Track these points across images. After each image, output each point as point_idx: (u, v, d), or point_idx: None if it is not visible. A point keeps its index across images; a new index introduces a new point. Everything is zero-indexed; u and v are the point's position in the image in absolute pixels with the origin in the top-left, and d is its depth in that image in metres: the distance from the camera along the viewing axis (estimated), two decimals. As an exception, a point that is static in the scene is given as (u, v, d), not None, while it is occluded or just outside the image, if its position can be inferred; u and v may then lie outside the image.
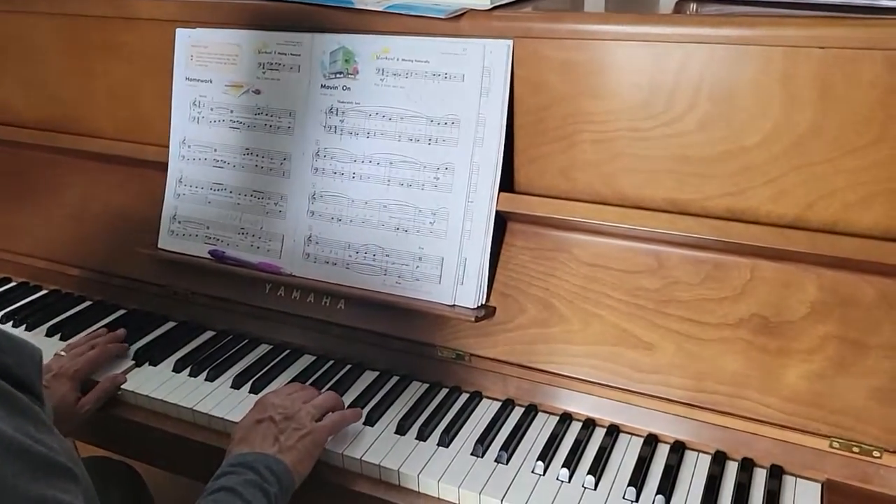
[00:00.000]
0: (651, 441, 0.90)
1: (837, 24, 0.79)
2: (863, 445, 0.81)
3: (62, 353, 1.04)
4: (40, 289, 1.28)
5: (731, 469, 0.86)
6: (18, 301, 1.24)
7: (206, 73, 1.13)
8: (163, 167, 1.17)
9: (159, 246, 1.17)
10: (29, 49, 1.26)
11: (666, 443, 0.90)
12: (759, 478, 0.85)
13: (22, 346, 0.54)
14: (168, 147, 1.17)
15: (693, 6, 0.94)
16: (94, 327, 1.15)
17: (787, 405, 0.84)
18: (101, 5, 1.18)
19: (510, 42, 0.93)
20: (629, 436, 0.92)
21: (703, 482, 0.84)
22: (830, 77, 0.80)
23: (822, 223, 0.85)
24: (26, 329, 1.16)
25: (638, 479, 0.84)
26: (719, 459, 0.87)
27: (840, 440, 0.82)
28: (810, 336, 0.85)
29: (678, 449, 0.89)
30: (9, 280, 1.31)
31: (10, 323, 1.18)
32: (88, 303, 1.23)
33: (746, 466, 0.86)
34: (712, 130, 0.87)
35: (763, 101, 0.84)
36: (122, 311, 1.20)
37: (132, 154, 1.20)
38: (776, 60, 0.81)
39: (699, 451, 0.89)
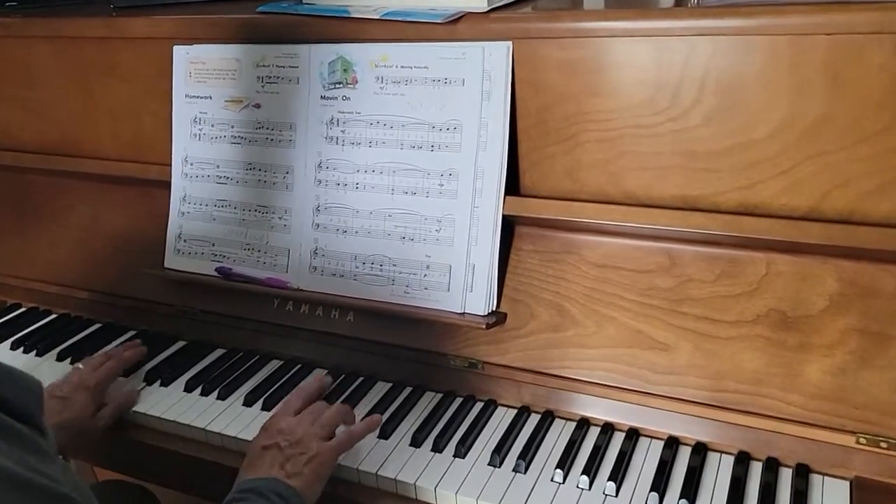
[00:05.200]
0: (672, 443, 0.88)
1: (843, 10, 0.77)
2: (890, 440, 0.79)
3: (80, 365, 1.04)
4: (50, 313, 1.28)
5: (756, 469, 0.84)
6: (28, 327, 1.24)
7: (205, 90, 1.12)
8: (166, 186, 1.17)
9: (166, 265, 1.16)
10: (28, 73, 1.26)
11: (687, 445, 0.88)
12: (786, 477, 0.83)
13: (21, 378, 0.53)
14: (171, 165, 1.16)
15: (694, -2, 0.93)
16: (105, 350, 1.14)
17: (811, 402, 0.82)
18: (97, 26, 1.17)
19: (509, 44, 0.92)
20: (649, 439, 0.90)
21: (728, 484, 0.82)
22: (839, 64, 0.78)
23: (837, 213, 0.83)
24: (37, 355, 1.16)
25: (660, 484, 0.82)
26: (743, 460, 0.85)
27: (867, 436, 0.80)
28: (831, 330, 0.83)
29: (700, 451, 0.87)
30: (18, 306, 1.31)
31: (21, 349, 1.17)
32: (98, 325, 1.23)
33: (771, 466, 0.84)
34: (720, 124, 0.85)
35: (771, 92, 0.82)
36: (131, 333, 1.19)
37: (135, 174, 1.20)
38: (782, 50, 0.80)
39: (722, 452, 0.87)
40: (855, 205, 0.82)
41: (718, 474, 0.84)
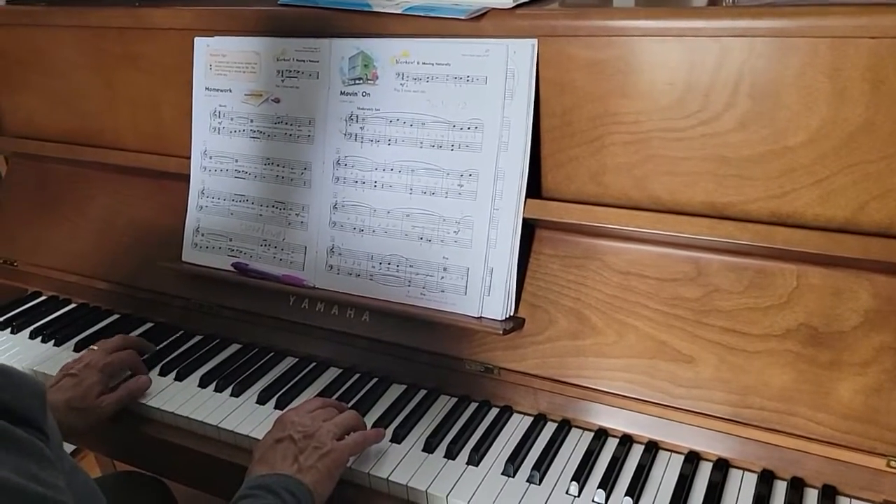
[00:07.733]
0: (692, 458, 0.85)
1: (889, 12, 0.73)
2: (924, 465, 0.76)
3: (94, 347, 1.04)
4: (69, 302, 1.28)
5: (780, 489, 0.81)
6: (48, 315, 1.24)
7: (225, 83, 1.11)
8: (185, 179, 1.16)
9: (183, 259, 1.16)
10: (50, 63, 1.26)
11: (708, 460, 0.85)
12: (811, 498, 0.80)
13: (22, 380, 0.52)
14: (190, 158, 1.15)
15: (729, -4, 0.89)
16: (123, 336, 1.14)
17: (840, 422, 0.79)
18: (119, 16, 1.16)
19: (534, 42, 0.89)
20: (669, 453, 0.87)
21: (751, 502, 0.79)
22: (883, 69, 0.74)
23: (875, 226, 0.79)
24: (55, 344, 1.16)
25: (680, 500, 0.80)
26: (767, 479, 0.82)
27: (899, 459, 0.76)
28: (864, 347, 0.79)
29: (721, 467, 0.84)
30: (39, 294, 1.32)
31: (40, 338, 1.18)
32: (116, 316, 1.23)
33: (796, 486, 0.81)
34: (754, 129, 0.81)
35: (809, 97, 0.78)
36: (149, 325, 1.20)
37: (155, 166, 1.19)
38: (822, 53, 0.76)
39: (744, 469, 0.84)
40: (894, 217, 0.78)
41: (741, 492, 0.81)
